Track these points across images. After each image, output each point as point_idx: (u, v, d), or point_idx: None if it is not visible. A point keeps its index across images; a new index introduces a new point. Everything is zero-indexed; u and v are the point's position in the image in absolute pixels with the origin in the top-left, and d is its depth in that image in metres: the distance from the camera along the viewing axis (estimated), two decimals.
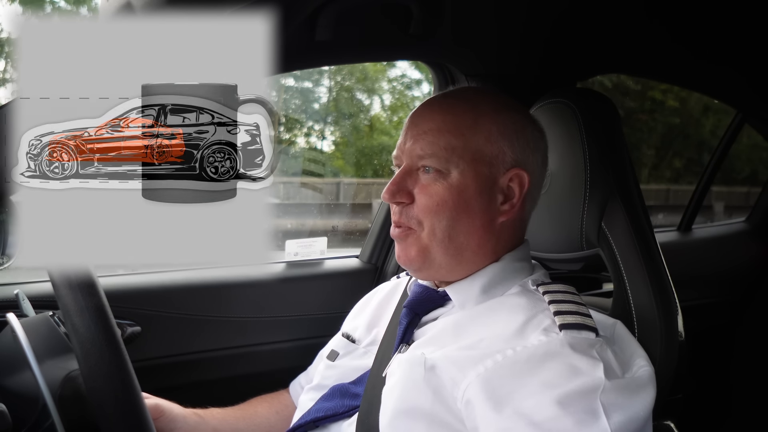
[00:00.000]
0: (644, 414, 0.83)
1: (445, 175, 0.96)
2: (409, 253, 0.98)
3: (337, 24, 1.19)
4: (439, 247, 0.97)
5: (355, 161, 3.42)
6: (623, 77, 3.82)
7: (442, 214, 0.95)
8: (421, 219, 0.96)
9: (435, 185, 0.96)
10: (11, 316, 0.91)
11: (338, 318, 1.24)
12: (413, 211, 0.97)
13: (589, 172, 1.08)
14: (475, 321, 0.95)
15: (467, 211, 0.96)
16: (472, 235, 0.97)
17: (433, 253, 0.97)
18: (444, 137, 0.96)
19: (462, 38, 1.42)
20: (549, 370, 0.83)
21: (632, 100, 4.02)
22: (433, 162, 0.96)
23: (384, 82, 3.80)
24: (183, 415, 1.12)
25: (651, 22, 1.49)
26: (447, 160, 0.95)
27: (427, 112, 1.00)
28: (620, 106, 4.34)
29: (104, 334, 0.77)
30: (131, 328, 1.37)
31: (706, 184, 2.23)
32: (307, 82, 3.27)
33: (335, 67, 3.34)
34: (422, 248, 0.97)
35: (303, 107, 3.23)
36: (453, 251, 0.97)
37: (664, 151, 4.36)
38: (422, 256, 0.97)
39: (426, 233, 0.96)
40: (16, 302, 1.10)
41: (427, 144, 0.96)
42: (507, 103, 1.02)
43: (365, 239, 1.72)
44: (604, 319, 1.01)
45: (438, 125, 0.97)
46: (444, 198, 0.95)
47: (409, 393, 0.88)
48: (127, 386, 0.77)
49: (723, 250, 2.28)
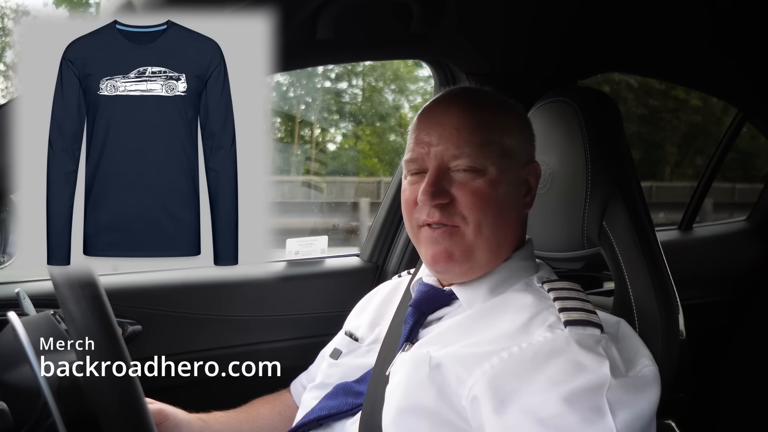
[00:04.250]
0: (649, 413, 0.82)
1: (482, 172, 0.95)
2: (452, 253, 0.96)
3: (338, 22, 1.19)
4: (483, 243, 0.96)
5: (389, 160, 3.44)
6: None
7: (488, 210, 0.95)
8: (466, 215, 0.95)
9: (475, 182, 0.95)
10: (12, 314, 0.92)
11: (339, 317, 1.24)
12: (456, 209, 0.95)
13: (590, 171, 1.08)
14: (480, 319, 0.95)
15: (507, 205, 0.97)
16: (509, 229, 0.99)
17: (477, 251, 0.96)
18: (477, 134, 0.95)
19: (466, 37, 1.42)
20: (554, 366, 0.83)
21: (656, 99, 4.02)
22: (469, 160, 0.95)
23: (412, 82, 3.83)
24: (187, 420, 1.12)
25: (652, 19, 1.49)
26: (484, 156, 0.95)
27: (451, 110, 0.98)
28: (644, 105, 4.36)
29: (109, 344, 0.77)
30: (132, 326, 1.38)
31: (707, 182, 2.22)
32: (342, 83, 3.30)
33: (367, 68, 3.38)
34: (467, 247, 0.96)
35: (340, 108, 3.26)
36: (495, 246, 0.97)
37: (686, 149, 4.37)
38: (466, 255, 0.96)
39: (472, 230, 0.95)
40: (17, 301, 1.10)
41: (463, 142, 0.95)
42: (510, 99, 1.05)
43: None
44: (608, 318, 1.01)
45: (469, 122, 0.96)
46: (487, 194, 0.95)
47: (413, 391, 0.88)
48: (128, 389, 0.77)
49: (724, 248, 2.27)
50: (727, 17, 1.53)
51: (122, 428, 0.77)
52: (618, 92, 5.18)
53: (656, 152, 2.00)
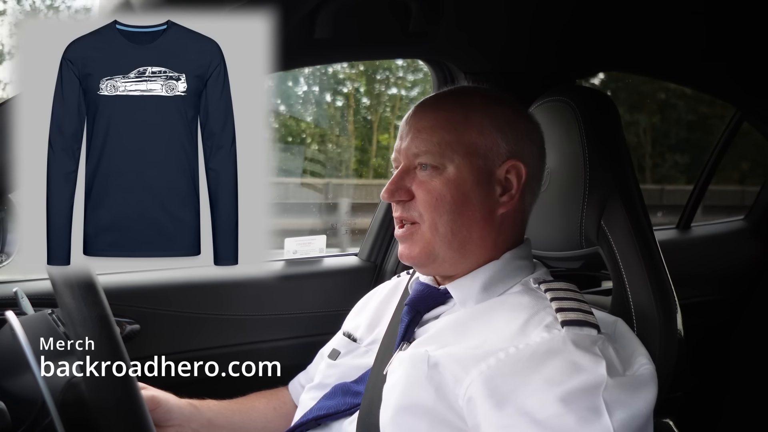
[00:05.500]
0: (646, 412, 0.83)
1: (441, 171, 0.97)
2: (412, 251, 0.99)
3: (336, 21, 1.19)
4: (442, 241, 0.97)
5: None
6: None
7: (442, 209, 0.97)
8: (422, 212, 0.98)
9: (432, 181, 0.97)
10: (10, 313, 0.91)
11: (337, 316, 1.24)
12: (414, 205, 0.98)
13: (588, 171, 1.08)
14: (477, 319, 0.95)
15: (466, 204, 0.97)
16: (474, 228, 0.98)
17: (437, 249, 0.98)
18: (437, 133, 0.98)
19: (464, 35, 1.42)
20: (551, 367, 0.83)
21: (706, 105, 4.02)
22: (428, 158, 0.97)
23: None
24: (178, 405, 1.12)
25: (650, 18, 1.49)
26: (441, 155, 0.97)
27: (419, 112, 1.02)
28: (694, 112, 4.35)
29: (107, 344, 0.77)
30: (130, 326, 1.38)
31: (704, 182, 2.22)
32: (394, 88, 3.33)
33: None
34: (426, 245, 0.98)
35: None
36: (456, 245, 0.98)
37: (732, 154, 4.41)
38: (426, 253, 0.98)
39: (428, 227, 0.97)
40: (14, 300, 1.09)
41: (421, 142, 0.98)
42: (497, 97, 1.04)
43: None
44: (605, 317, 1.01)
45: (430, 123, 0.99)
46: (442, 192, 0.97)
47: (410, 390, 0.89)
48: (129, 395, 0.77)
49: (722, 248, 2.27)
50: (725, 16, 1.53)
51: (122, 428, 0.77)
52: (668, 99, 5.19)
53: (704, 157, 2.07)
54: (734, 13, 1.52)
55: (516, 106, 1.06)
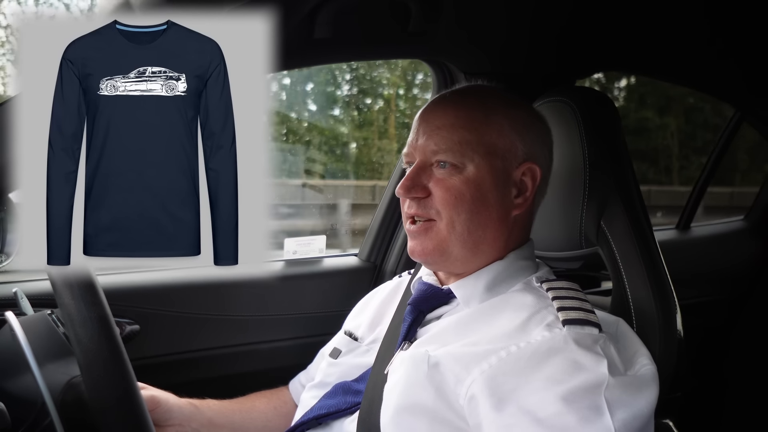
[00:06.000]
0: (648, 412, 0.83)
1: (461, 169, 0.97)
2: (426, 247, 0.99)
3: (336, 21, 1.18)
4: (457, 240, 0.97)
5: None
6: None
7: (461, 207, 0.96)
8: (440, 210, 0.97)
9: (451, 179, 0.97)
10: (10, 314, 0.91)
11: (337, 316, 1.24)
12: (431, 203, 0.98)
13: (588, 171, 1.08)
14: (479, 318, 0.95)
15: (484, 203, 0.97)
16: (489, 228, 0.98)
17: (451, 247, 0.98)
18: (458, 132, 0.97)
19: (464, 35, 1.42)
20: (552, 365, 0.83)
21: (730, 109, 4.09)
22: (447, 156, 0.97)
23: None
24: (178, 405, 1.12)
25: (650, 19, 1.49)
26: (462, 154, 0.97)
27: (438, 108, 1.01)
28: (719, 115, 4.35)
29: (107, 345, 0.77)
30: (130, 326, 1.38)
31: (704, 183, 2.23)
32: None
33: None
34: (440, 242, 0.98)
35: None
36: (471, 244, 0.98)
37: (755, 156, 4.43)
38: (440, 250, 0.98)
39: (444, 225, 0.97)
40: (14, 300, 1.09)
41: (441, 139, 0.97)
42: (514, 99, 1.04)
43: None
44: (607, 317, 1.01)
45: (451, 121, 0.98)
46: (462, 191, 0.96)
47: (411, 389, 0.89)
48: (129, 396, 0.77)
49: (722, 248, 2.28)
50: (725, 16, 1.54)
51: (121, 428, 0.77)
52: (695, 103, 5.18)
53: (727, 159, 2.09)
54: (734, 13, 1.52)
55: (531, 108, 1.07)
